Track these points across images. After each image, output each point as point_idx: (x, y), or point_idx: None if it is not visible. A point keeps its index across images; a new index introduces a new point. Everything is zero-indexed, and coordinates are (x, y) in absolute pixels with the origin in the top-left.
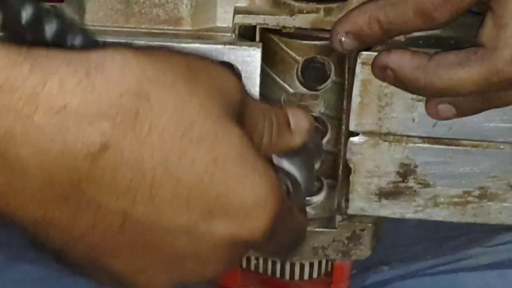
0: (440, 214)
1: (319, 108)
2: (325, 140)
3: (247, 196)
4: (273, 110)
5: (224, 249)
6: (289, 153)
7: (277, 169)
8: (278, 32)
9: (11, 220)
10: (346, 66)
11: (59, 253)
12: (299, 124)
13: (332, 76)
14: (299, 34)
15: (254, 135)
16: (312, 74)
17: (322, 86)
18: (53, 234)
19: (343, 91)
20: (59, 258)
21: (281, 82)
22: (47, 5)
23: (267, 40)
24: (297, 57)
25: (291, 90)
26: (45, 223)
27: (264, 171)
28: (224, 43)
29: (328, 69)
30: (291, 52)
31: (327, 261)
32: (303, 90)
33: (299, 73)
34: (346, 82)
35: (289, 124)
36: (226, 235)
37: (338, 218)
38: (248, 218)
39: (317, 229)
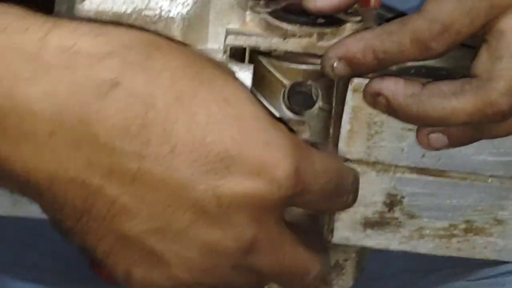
0: (425, 247)
1: (305, 135)
2: None
3: (262, 139)
4: None
5: (249, 207)
6: None
7: None
8: (267, 54)
9: (26, 185)
10: (334, 93)
11: (80, 224)
12: None
13: (319, 102)
14: (289, 57)
15: None
16: (299, 99)
17: (308, 111)
18: (71, 192)
19: (330, 118)
20: (81, 238)
21: (268, 105)
22: None
23: (256, 62)
24: (284, 81)
25: (278, 115)
26: (61, 179)
27: (273, 118)
28: None
29: (315, 95)
30: (278, 75)
31: None
32: (289, 115)
33: (286, 97)
34: (334, 109)
35: None
36: (247, 187)
37: None
38: (265, 168)
39: None
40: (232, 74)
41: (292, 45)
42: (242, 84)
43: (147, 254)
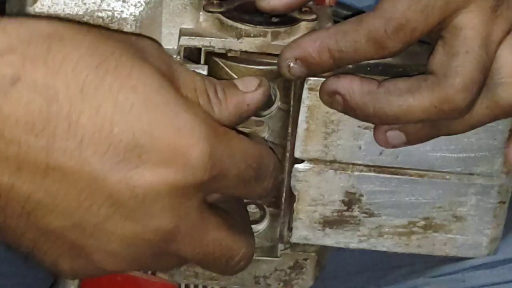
0: (384, 245)
1: (263, 135)
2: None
3: (173, 124)
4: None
5: (165, 195)
6: None
7: None
8: (223, 56)
9: None
10: (292, 92)
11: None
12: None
13: (277, 102)
14: (244, 58)
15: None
16: None
17: (267, 112)
18: None
19: (288, 118)
20: (3, 235)
21: None
22: None
23: (212, 63)
24: None
25: None
26: None
27: (188, 102)
28: None
29: (273, 95)
30: (236, 77)
31: None
32: None
33: None
34: (291, 109)
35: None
36: (160, 176)
37: (281, 246)
38: (177, 154)
39: (259, 258)
40: (143, 56)
41: (247, 44)
42: (153, 68)
43: (69, 247)
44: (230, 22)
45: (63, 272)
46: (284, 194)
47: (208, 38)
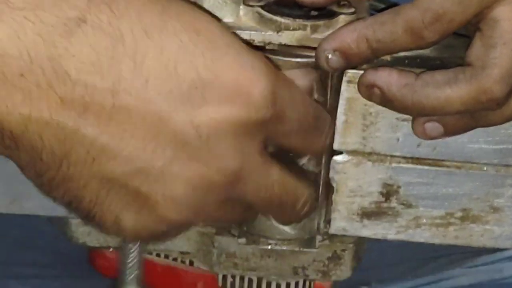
0: (422, 236)
1: None
2: (305, 159)
3: (235, 62)
4: None
5: (229, 134)
6: None
7: None
8: (261, 49)
9: (1, 134)
10: (329, 85)
11: (61, 172)
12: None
13: (314, 95)
14: (282, 51)
15: None
16: None
17: None
18: (47, 136)
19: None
20: (65, 189)
21: None
22: None
23: None
24: None
25: None
26: (35, 122)
27: (249, 47)
28: None
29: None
30: None
31: (305, 281)
32: None
33: None
34: (328, 101)
35: None
36: (225, 113)
37: (319, 238)
38: (240, 91)
39: (297, 249)
40: (201, 11)
41: (286, 38)
42: (212, 17)
43: (133, 197)
44: (269, 15)
45: (125, 229)
46: (321, 186)
47: (247, 32)
